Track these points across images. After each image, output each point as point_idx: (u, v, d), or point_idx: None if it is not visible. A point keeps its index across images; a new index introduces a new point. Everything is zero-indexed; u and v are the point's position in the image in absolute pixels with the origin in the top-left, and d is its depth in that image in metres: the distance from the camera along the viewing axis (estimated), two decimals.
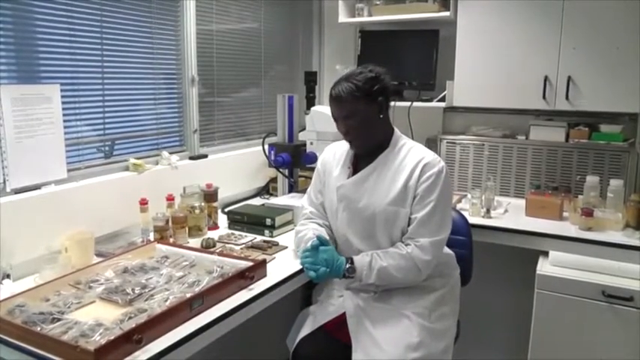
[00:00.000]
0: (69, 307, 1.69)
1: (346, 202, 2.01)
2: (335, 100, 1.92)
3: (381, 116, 1.93)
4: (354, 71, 1.94)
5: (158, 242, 2.24)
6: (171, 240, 2.33)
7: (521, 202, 2.96)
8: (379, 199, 1.92)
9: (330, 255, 1.88)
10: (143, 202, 2.33)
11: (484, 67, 3.02)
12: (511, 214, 2.87)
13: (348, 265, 1.88)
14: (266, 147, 3.05)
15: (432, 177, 1.88)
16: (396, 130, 2.03)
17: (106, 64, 2.40)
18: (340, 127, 1.97)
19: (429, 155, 1.92)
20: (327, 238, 2.00)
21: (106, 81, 2.41)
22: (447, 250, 2.11)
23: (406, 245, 1.90)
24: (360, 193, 1.97)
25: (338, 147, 2.15)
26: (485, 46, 3.00)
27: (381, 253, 1.90)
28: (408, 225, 1.92)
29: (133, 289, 1.79)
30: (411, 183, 1.89)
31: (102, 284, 1.85)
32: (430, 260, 1.87)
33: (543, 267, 2.50)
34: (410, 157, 1.93)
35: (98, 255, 2.15)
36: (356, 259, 1.91)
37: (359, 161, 2.04)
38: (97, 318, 1.59)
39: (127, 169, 2.50)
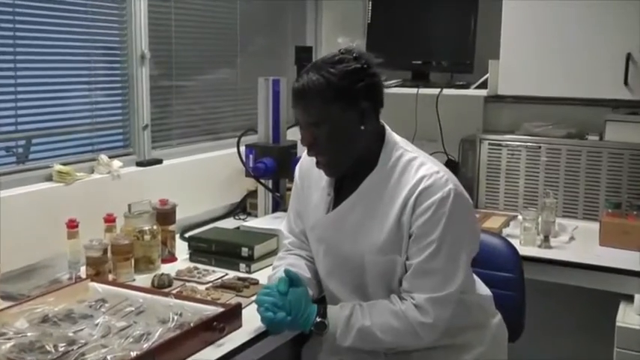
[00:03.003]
0: None
1: (326, 246, 2.01)
2: (296, 97, 1.87)
3: (363, 127, 1.87)
4: (330, 57, 1.87)
5: (92, 280, 2.22)
6: (110, 277, 2.33)
7: (594, 226, 2.97)
8: (367, 245, 1.91)
9: (297, 298, 1.87)
10: (72, 225, 2.32)
11: (541, 42, 3.02)
12: (579, 242, 2.88)
13: (317, 320, 1.87)
14: (242, 149, 3.06)
15: (433, 207, 1.83)
16: (389, 133, 1.98)
17: (18, 33, 2.39)
18: (303, 137, 1.92)
19: (431, 174, 1.86)
20: (306, 275, 2.01)
21: (18, 57, 2.40)
22: (481, 289, 2.12)
23: (402, 299, 1.89)
24: (342, 236, 1.96)
25: None
26: (543, 12, 3.02)
27: (367, 307, 1.89)
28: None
29: (55, 346, 1.75)
30: (404, 218, 1.86)
31: (10, 339, 1.81)
32: (432, 323, 1.85)
33: (626, 317, 2.49)
34: (407, 176, 1.89)
35: (5, 298, 2.13)
36: (330, 311, 1.89)
37: (345, 179, 2.00)
38: None
39: (49, 178, 2.50)
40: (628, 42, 2.88)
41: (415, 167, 1.89)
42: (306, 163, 2.10)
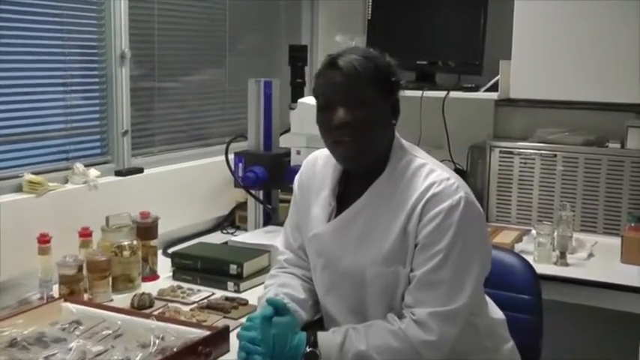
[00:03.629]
0: None
1: (325, 259, 2.00)
2: (338, 72, 1.88)
3: (394, 122, 1.96)
4: (367, 49, 1.96)
5: (66, 300, 2.21)
6: (85, 296, 2.33)
7: (615, 241, 2.96)
8: (370, 256, 1.91)
9: (282, 331, 1.85)
10: (43, 240, 2.31)
11: (556, 41, 3.02)
12: (599, 259, 2.88)
13: (308, 350, 1.85)
14: (231, 157, 3.07)
15: (441, 215, 1.84)
16: (397, 137, 2.01)
17: None
18: (331, 120, 1.90)
19: (441, 180, 1.88)
20: (300, 296, 2.00)
21: None
22: (494, 312, 2.10)
23: (401, 317, 1.87)
24: (343, 246, 1.96)
25: (323, 159, 2.12)
26: (558, 8, 3.02)
27: (362, 329, 1.88)
28: None
29: None
30: (410, 227, 1.87)
31: None
32: (435, 341, 1.83)
33: None
34: (416, 183, 1.91)
35: None
36: (322, 339, 1.88)
37: (348, 188, 2.02)
38: None
39: (19, 189, 2.50)
40: None
41: (424, 173, 1.90)
42: (306, 173, 2.13)
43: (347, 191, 2.01)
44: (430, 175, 1.89)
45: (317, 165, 2.11)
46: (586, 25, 3.00)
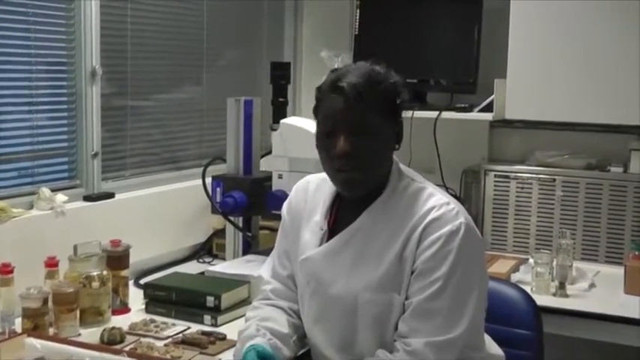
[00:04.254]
0: None
1: (315, 285, 2.01)
2: (341, 97, 1.88)
3: (397, 146, 1.98)
4: (373, 68, 1.94)
5: (29, 335, 2.15)
6: (51, 331, 2.30)
7: (618, 271, 2.98)
8: (362, 282, 1.92)
9: None
10: (5, 270, 2.31)
11: (555, 59, 3.04)
12: (601, 290, 2.89)
13: None
14: (208, 181, 3.07)
15: (440, 241, 1.86)
16: (395, 162, 2.02)
17: None
18: (332, 148, 1.91)
19: (440, 205, 1.91)
20: (283, 330, 1.99)
21: None
22: (492, 348, 2.09)
23: (393, 351, 1.88)
24: (334, 272, 1.96)
25: (315, 183, 2.14)
26: (557, 23, 3.05)
27: None
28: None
29: None
30: (407, 252, 1.89)
31: None
32: None
33: None
34: (414, 207, 1.93)
35: None
36: None
37: (341, 212, 2.03)
38: None
39: None
40: None
41: (424, 198, 1.93)
42: (296, 198, 2.14)
43: (340, 215, 2.02)
44: (430, 199, 1.92)
45: (308, 190, 2.12)
46: (587, 42, 3.03)
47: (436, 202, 1.90)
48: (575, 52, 3.06)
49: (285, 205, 2.18)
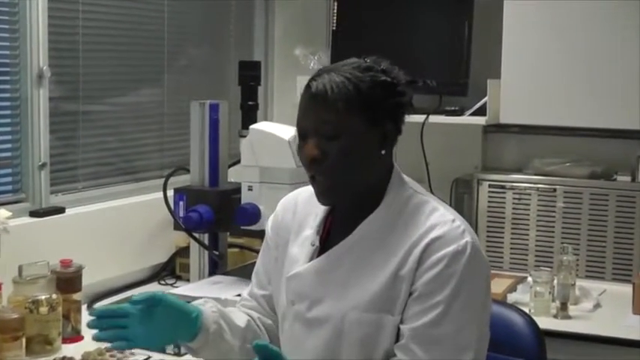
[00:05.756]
0: None
1: (298, 307, 1.99)
2: (314, 99, 1.89)
3: (383, 152, 1.94)
4: (354, 61, 1.94)
5: None
6: None
7: (625, 289, 2.99)
8: (352, 300, 1.91)
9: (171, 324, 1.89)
10: None
11: (554, 56, 3.04)
12: (607, 310, 2.90)
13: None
14: (170, 194, 3.06)
15: (444, 262, 1.84)
16: (396, 169, 2.03)
17: None
18: (306, 151, 1.92)
19: (445, 221, 1.90)
20: (240, 325, 2.00)
21: None
22: None
23: None
24: (324, 289, 1.95)
25: (305, 195, 2.13)
26: (555, 17, 3.04)
27: None
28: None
29: None
30: (404, 271, 1.87)
31: None
32: None
33: None
34: (416, 222, 1.92)
35: None
36: None
37: (334, 226, 2.03)
38: None
39: None
40: None
41: (427, 212, 1.92)
42: (283, 213, 2.14)
43: (333, 230, 2.02)
44: (433, 214, 1.91)
45: (297, 203, 2.12)
46: (588, 39, 3.03)
47: (440, 218, 1.90)
48: (576, 51, 3.06)
49: (270, 219, 2.17)
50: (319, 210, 2.04)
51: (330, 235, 2.02)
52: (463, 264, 1.83)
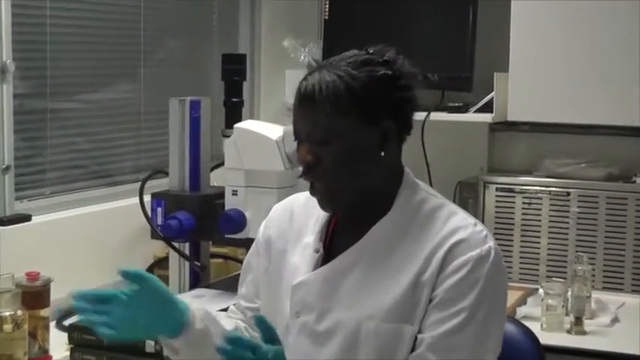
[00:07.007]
0: None
1: (305, 318, 1.99)
2: (302, 102, 1.92)
3: (382, 153, 1.94)
4: (351, 55, 1.95)
5: None
6: None
7: None
8: (368, 309, 1.93)
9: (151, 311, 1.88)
10: None
11: (566, 48, 3.04)
12: (625, 325, 2.91)
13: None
14: (147, 200, 3.06)
15: (468, 267, 1.88)
16: (407, 172, 2.04)
17: None
18: (300, 156, 1.95)
19: (467, 225, 1.94)
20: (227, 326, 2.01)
21: None
22: None
23: None
24: (334, 297, 1.97)
25: (303, 200, 2.14)
26: (568, 5, 3.03)
27: None
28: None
29: None
30: (425, 277, 1.90)
31: None
32: None
33: None
34: (434, 226, 1.96)
35: None
36: None
37: (338, 231, 2.05)
38: None
39: None
40: None
41: (444, 216, 1.96)
42: (278, 219, 2.16)
43: (337, 235, 2.04)
44: (452, 217, 1.95)
45: (294, 207, 2.14)
46: (607, 28, 3.04)
47: (461, 221, 1.94)
48: (590, 42, 3.06)
49: (262, 226, 2.20)
50: (320, 213, 2.04)
51: (333, 241, 2.04)
52: (487, 269, 1.87)
